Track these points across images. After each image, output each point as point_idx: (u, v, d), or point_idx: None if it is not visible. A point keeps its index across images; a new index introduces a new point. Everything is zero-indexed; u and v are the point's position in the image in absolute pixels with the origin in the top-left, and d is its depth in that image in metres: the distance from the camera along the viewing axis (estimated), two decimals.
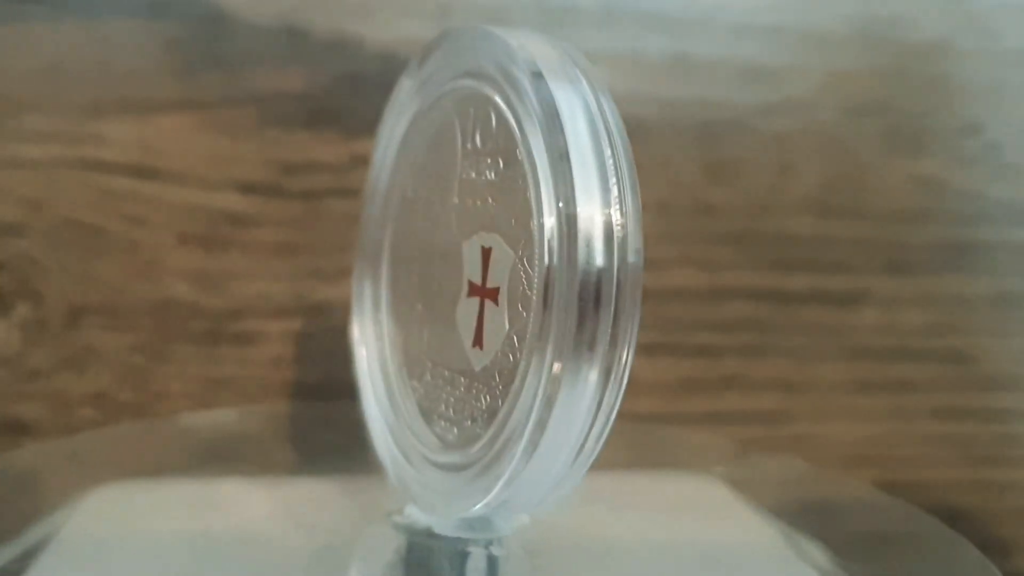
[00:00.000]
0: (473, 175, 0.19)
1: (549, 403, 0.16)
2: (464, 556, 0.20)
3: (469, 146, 0.19)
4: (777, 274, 0.32)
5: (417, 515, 0.20)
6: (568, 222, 0.16)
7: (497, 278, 0.18)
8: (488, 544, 0.20)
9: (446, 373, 0.19)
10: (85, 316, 0.29)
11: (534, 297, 0.16)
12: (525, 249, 0.17)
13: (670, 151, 0.31)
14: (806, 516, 0.24)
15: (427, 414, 0.20)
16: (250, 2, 0.29)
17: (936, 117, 0.33)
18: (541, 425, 0.16)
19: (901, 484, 0.33)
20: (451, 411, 0.19)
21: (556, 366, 0.16)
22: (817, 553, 0.21)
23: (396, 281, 0.22)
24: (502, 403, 0.17)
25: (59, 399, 0.29)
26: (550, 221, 0.16)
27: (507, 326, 0.17)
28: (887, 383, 0.33)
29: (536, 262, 0.16)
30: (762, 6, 0.31)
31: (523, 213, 0.17)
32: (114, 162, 0.29)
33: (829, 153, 0.32)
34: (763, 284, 0.32)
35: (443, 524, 0.20)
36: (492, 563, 0.19)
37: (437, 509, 0.19)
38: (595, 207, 0.16)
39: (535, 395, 0.16)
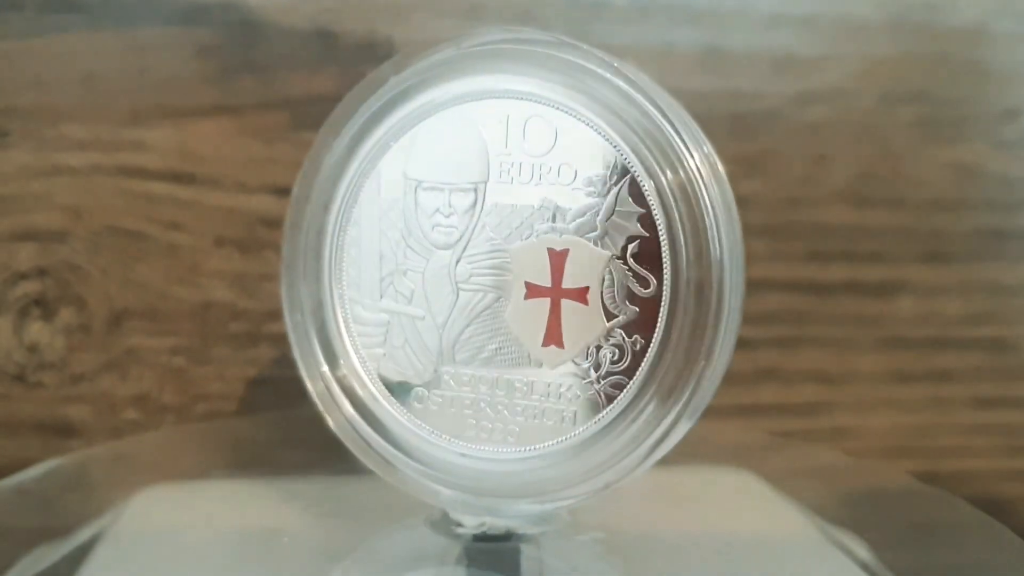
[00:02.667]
0: (527, 180, 0.19)
1: (703, 391, 0.18)
2: (517, 552, 0.20)
3: (511, 153, 0.19)
4: (813, 265, 0.32)
5: (492, 520, 0.20)
6: (718, 221, 0.17)
7: (582, 278, 0.18)
8: (534, 538, 0.20)
9: (489, 376, 0.19)
10: (127, 320, 0.30)
11: (697, 294, 0.18)
12: (633, 250, 0.18)
13: None
14: (845, 508, 0.24)
15: (453, 422, 0.20)
16: (282, 7, 0.29)
17: (973, 103, 0.32)
18: (690, 413, 0.18)
19: (942, 474, 0.33)
20: (505, 412, 0.19)
21: (705, 356, 0.18)
22: (855, 545, 0.21)
23: (368, 294, 0.20)
24: (605, 392, 0.18)
25: (103, 401, 0.30)
26: (682, 222, 0.18)
27: (605, 322, 0.18)
28: (926, 373, 0.33)
29: (665, 261, 0.18)
30: None
31: (625, 216, 0.18)
32: (152, 168, 0.29)
33: (865, 142, 0.32)
34: (799, 276, 0.32)
35: (523, 523, 0.20)
36: (540, 556, 0.20)
37: (503, 508, 0.20)
38: (721, 207, 0.18)
39: (693, 381, 0.18)
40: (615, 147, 0.18)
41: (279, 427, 0.29)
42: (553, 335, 0.19)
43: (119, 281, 0.29)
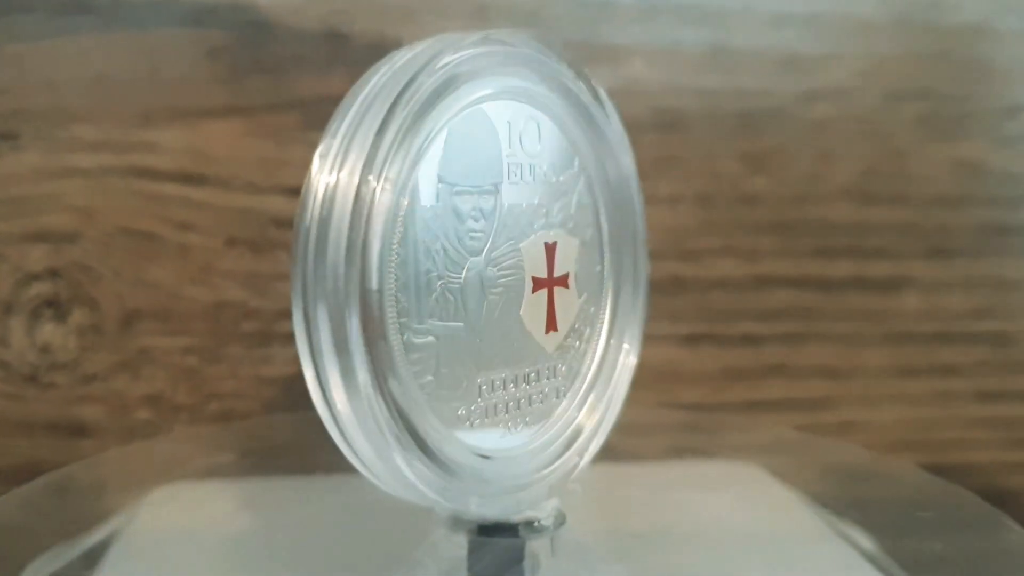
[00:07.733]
0: (531, 179, 0.19)
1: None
2: (524, 547, 0.20)
3: (515, 153, 0.19)
4: (819, 261, 0.32)
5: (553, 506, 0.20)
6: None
7: (565, 266, 0.20)
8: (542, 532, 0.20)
9: (511, 375, 0.19)
10: (139, 320, 0.30)
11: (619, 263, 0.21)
12: (591, 234, 0.20)
13: (710, 142, 0.31)
14: (851, 499, 0.24)
15: (487, 430, 0.19)
16: (292, 8, 0.29)
17: (976, 100, 0.32)
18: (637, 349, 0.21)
19: (946, 467, 0.33)
20: (524, 404, 0.19)
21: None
22: (861, 537, 0.22)
23: (416, 317, 0.17)
24: (578, 360, 0.20)
25: (116, 401, 0.30)
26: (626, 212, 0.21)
27: (579, 300, 0.20)
28: (931, 367, 0.33)
29: (605, 241, 0.21)
30: None
31: (583, 207, 0.20)
32: (163, 169, 0.29)
33: (869, 139, 0.32)
34: (805, 272, 0.32)
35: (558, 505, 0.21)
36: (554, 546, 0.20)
37: (524, 497, 0.20)
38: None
39: (635, 325, 0.21)
40: (574, 145, 0.20)
41: (293, 426, 0.29)
42: (551, 321, 0.20)
43: (131, 282, 0.30)
